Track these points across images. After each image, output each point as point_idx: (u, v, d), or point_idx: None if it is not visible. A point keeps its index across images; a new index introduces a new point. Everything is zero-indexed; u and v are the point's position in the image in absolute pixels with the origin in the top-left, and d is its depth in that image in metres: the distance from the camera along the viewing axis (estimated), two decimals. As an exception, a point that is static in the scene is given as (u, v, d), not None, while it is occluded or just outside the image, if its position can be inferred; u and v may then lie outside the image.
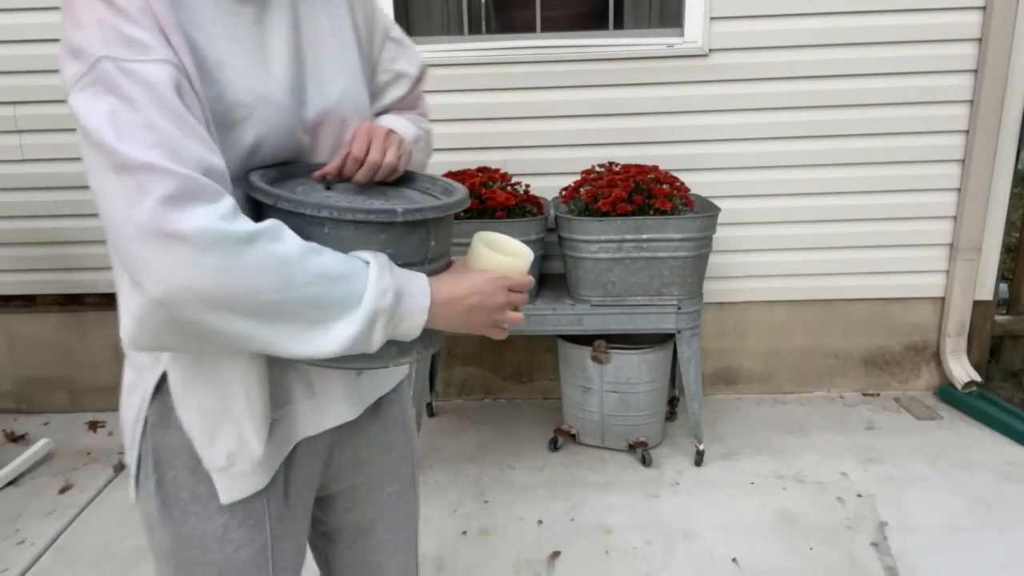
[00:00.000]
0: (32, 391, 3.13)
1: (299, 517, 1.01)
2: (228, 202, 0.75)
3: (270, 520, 0.95)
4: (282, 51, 0.90)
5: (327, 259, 0.79)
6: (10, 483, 2.59)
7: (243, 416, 0.87)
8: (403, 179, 1.00)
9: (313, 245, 0.79)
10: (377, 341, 0.83)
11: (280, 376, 0.93)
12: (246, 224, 0.75)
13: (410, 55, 1.13)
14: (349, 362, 0.86)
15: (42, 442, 2.76)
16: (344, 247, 0.83)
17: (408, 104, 1.15)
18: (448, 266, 0.95)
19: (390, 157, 0.92)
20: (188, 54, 0.79)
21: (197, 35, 0.82)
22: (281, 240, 0.77)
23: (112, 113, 0.74)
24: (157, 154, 0.72)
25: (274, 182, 0.88)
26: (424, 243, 0.89)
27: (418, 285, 0.85)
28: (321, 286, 0.78)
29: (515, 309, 0.94)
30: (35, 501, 2.49)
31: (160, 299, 0.72)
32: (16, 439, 2.90)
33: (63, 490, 2.55)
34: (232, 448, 0.88)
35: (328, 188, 0.92)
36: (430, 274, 0.89)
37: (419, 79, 1.15)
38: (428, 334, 0.90)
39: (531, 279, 0.95)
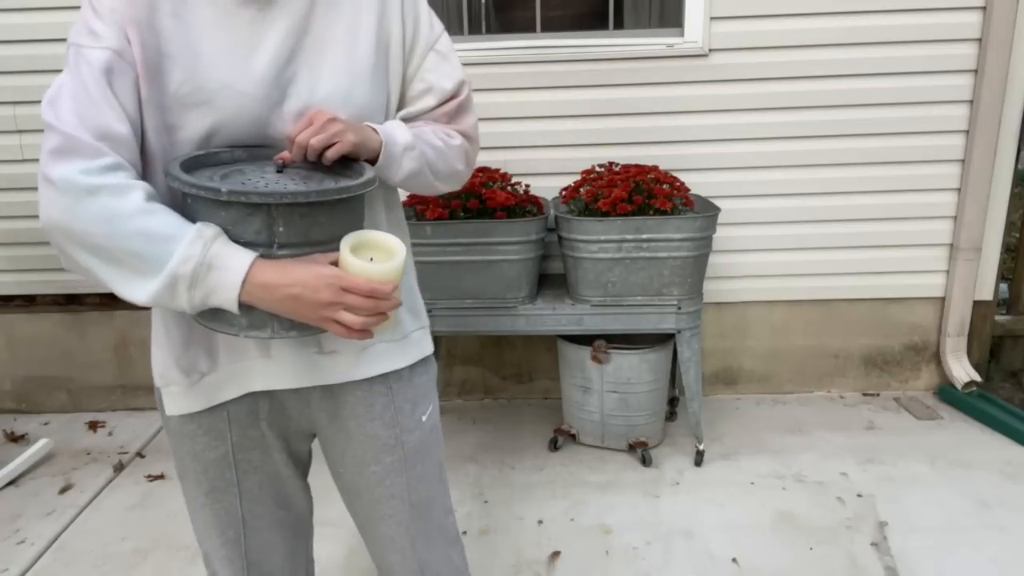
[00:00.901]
0: (32, 391, 3.13)
1: (272, 439, 1.19)
2: (102, 161, 0.92)
3: (231, 436, 1.16)
4: (272, 48, 1.02)
5: (156, 221, 0.92)
6: (10, 483, 2.59)
7: (165, 348, 1.11)
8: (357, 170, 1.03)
9: (150, 206, 0.93)
10: (183, 302, 0.94)
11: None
12: (99, 179, 0.91)
13: (449, 70, 1.16)
14: (207, 321, 1.00)
15: (42, 442, 2.76)
16: (198, 218, 0.95)
17: (440, 117, 1.17)
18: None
19: (315, 140, 0.97)
20: (143, 45, 0.97)
21: (174, 28, 0.98)
22: (121, 197, 0.91)
23: (60, 85, 0.96)
24: (53, 117, 0.93)
25: (238, 161, 1.02)
26: (267, 228, 0.94)
27: (235, 263, 0.92)
28: (141, 242, 0.91)
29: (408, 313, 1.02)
30: (35, 501, 2.49)
31: (41, 227, 0.94)
32: (16, 439, 2.90)
33: (63, 490, 2.55)
34: (160, 371, 1.13)
35: (280, 171, 1.00)
36: (281, 258, 0.95)
37: (453, 95, 1.17)
38: (288, 318, 0.97)
39: (375, 286, 0.94)
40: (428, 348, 1.26)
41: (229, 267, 0.92)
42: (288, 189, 0.94)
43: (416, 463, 1.23)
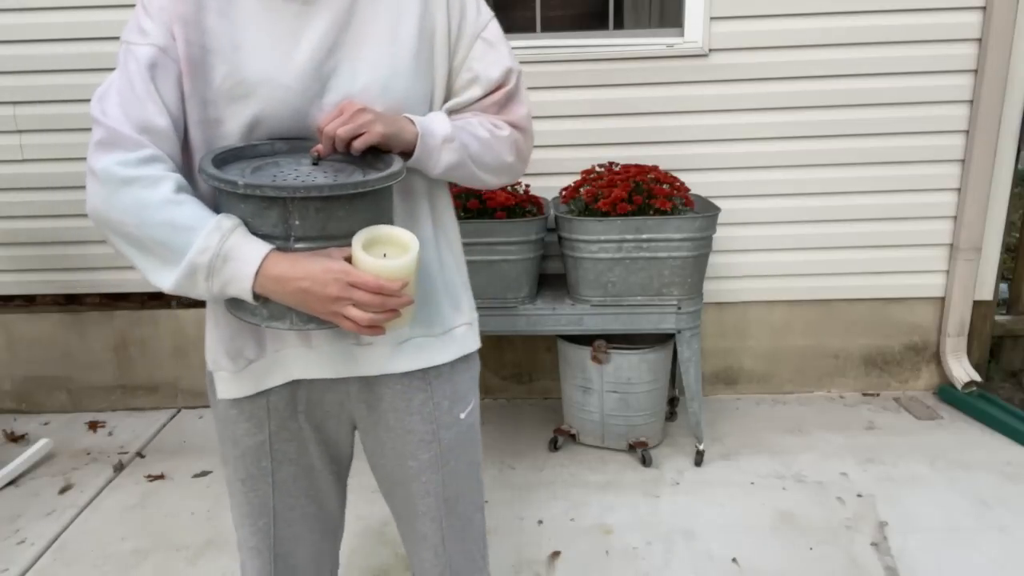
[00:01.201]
0: (32, 391, 3.13)
1: (309, 432, 1.21)
2: (140, 153, 0.97)
3: (270, 425, 1.18)
4: (314, 42, 1.03)
5: (181, 212, 0.96)
6: (10, 483, 2.59)
7: (215, 335, 1.15)
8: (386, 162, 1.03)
9: (178, 198, 0.97)
10: (203, 291, 0.97)
11: None
12: (134, 171, 0.96)
13: (496, 58, 1.14)
14: (234, 311, 1.04)
15: (42, 442, 2.76)
16: (223, 210, 0.99)
17: (489, 107, 1.15)
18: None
19: (341, 130, 0.98)
20: (187, 42, 1.01)
21: (220, 24, 1.02)
22: (152, 188, 0.96)
23: (110, 82, 1.02)
24: (100, 111, 0.99)
25: (278, 153, 1.04)
26: (283, 221, 0.95)
27: (249, 255, 0.95)
28: (166, 231, 0.95)
29: (405, 311, 1.00)
30: (35, 501, 2.49)
31: (88, 214, 1.00)
32: (16, 439, 2.90)
33: (63, 490, 2.55)
34: (212, 357, 1.16)
35: (315, 163, 1.02)
36: (298, 251, 0.97)
37: (500, 84, 1.14)
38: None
39: (382, 283, 0.94)
40: (471, 345, 1.24)
41: (243, 259, 0.95)
42: (307, 183, 0.94)
43: (451, 460, 1.23)
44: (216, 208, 1.00)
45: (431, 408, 1.19)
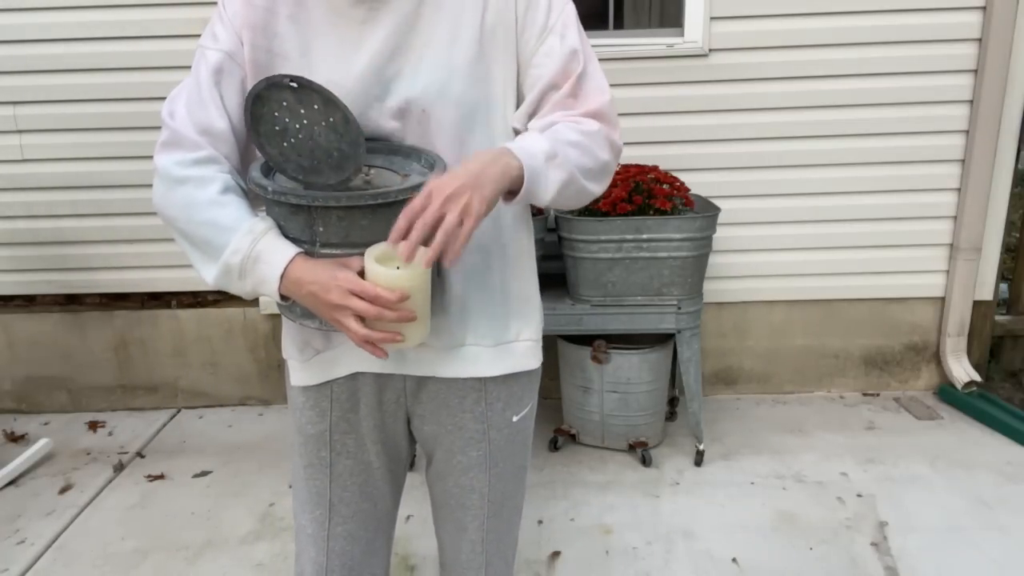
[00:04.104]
0: (32, 391, 3.13)
1: (368, 428, 1.21)
2: (198, 154, 1.03)
3: (332, 416, 1.20)
4: (376, 47, 1.04)
5: (224, 212, 1.01)
6: (10, 483, 2.59)
7: (286, 328, 1.20)
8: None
9: (223, 199, 1.01)
10: (238, 289, 1.03)
11: None
12: (189, 171, 1.02)
13: (559, 44, 1.05)
14: (280, 306, 1.07)
15: (42, 442, 2.76)
16: (268, 212, 1.04)
17: (563, 102, 1.06)
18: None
19: (439, 236, 0.89)
20: (254, 47, 1.05)
21: (289, 29, 1.05)
22: (202, 188, 1.02)
23: (183, 84, 1.07)
24: (168, 113, 1.05)
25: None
26: (308, 227, 0.98)
27: (277, 257, 0.98)
28: (210, 230, 1.01)
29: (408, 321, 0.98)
30: (35, 501, 2.49)
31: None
32: (16, 439, 2.90)
33: (63, 490, 2.55)
34: (285, 345, 1.21)
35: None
36: (322, 257, 0.99)
37: (565, 71, 1.05)
38: None
39: (379, 292, 0.92)
40: (531, 363, 1.20)
41: (271, 261, 0.99)
42: (329, 192, 0.95)
43: (500, 461, 1.22)
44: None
45: (483, 408, 1.19)
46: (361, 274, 0.96)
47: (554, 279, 2.71)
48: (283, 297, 1.01)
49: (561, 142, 1.01)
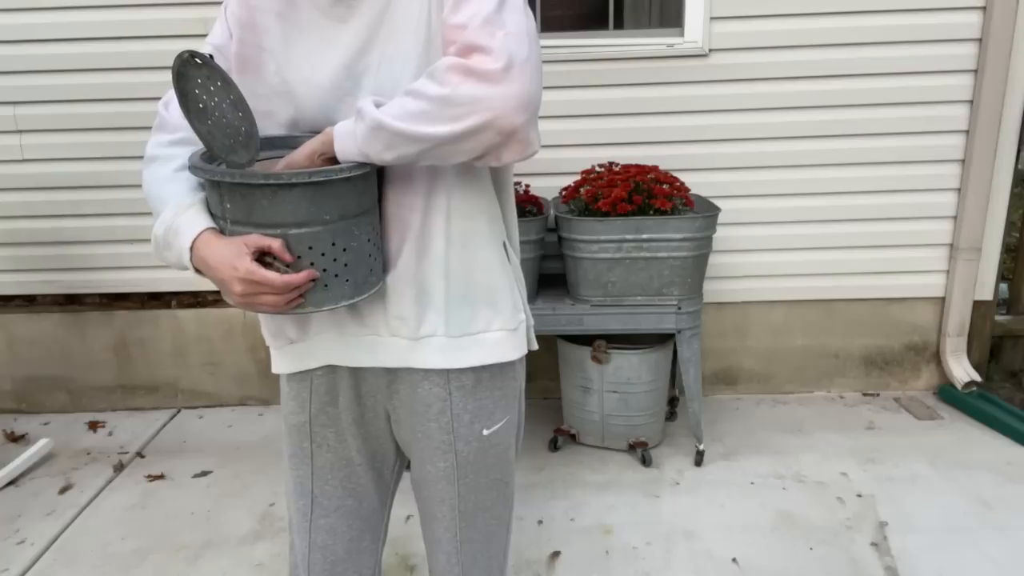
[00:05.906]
0: (32, 391, 3.13)
1: (347, 423, 1.22)
2: (174, 136, 1.12)
3: (311, 407, 1.22)
4: (350, 43, 1.07)
5: (172, 188, 1.08)
6: (10, 483, 2.59)
7: (261, 316, 1.20)
8: None
9: (175, 176, 1.09)
10: (167, 260, 1.08)
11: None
12: (161, 150, 1.12)
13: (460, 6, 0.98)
14: None
15: (42, 442, 2.76)
16: (206, 190, 1.09)
17: (450, 32, 0.98)
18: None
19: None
20: (241, 41, 1.10)
21: (277, 26, 1.10)
22: (164, 165, 1.11)
23: None
24: (163, 102, 1.14)
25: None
26: (220, 204, 1.03)
27: (188, 230, 1.03)
28: (158, 204, 1.08)
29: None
30: (35, 501, 2.49)
31: None
32: (16, 439, 2.90)
33: (63, 490, 2.55)
34: (265, 334, 1.24)
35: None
36: (233, 234, 1.02)
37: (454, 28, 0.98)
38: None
39: (274, 279, 0.98)
40: (507, 354, 1.17)
41: (184, 233, 1.03)
42: (228, 169, 1.01)
43: (469, 473, 1.20)
44: None
45: (449, 418, 1.17)
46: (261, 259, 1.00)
47: (554, 279, 2.72)
48: (197, 271, 1.04)
49: (382, 105, 0.97)
